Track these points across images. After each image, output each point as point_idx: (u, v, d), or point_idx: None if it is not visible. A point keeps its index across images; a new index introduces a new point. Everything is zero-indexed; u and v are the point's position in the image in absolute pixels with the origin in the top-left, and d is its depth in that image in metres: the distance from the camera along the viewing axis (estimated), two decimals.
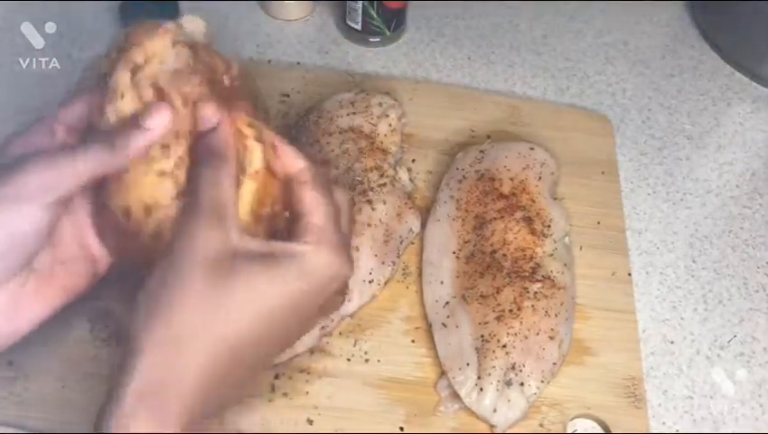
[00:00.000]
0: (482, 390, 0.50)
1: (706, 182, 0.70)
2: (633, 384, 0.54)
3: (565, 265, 0.57)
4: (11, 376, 0.51)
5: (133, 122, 0.39)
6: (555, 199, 0.62)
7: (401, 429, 0.51)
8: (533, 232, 0.57)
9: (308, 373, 0.53)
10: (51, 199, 0.38)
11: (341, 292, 0.43)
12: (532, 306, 0.53)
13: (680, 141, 0.73)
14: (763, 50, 0.78)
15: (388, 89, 0.68)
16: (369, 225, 0.56)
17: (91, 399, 0.50)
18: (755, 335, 0.59)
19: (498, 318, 0.53)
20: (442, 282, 0.57)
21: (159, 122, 0.39)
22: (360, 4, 0.74)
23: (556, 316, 0.53)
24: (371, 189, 0.58)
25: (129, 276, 0.39)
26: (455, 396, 0.51)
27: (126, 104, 0.40)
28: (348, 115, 0.62)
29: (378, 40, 0.77)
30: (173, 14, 0.76)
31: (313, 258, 0.38)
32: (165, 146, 0.40)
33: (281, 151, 0.42)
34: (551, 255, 0.57)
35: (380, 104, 0.64)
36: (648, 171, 0.70)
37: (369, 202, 0.57)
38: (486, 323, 0.53)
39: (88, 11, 0.77)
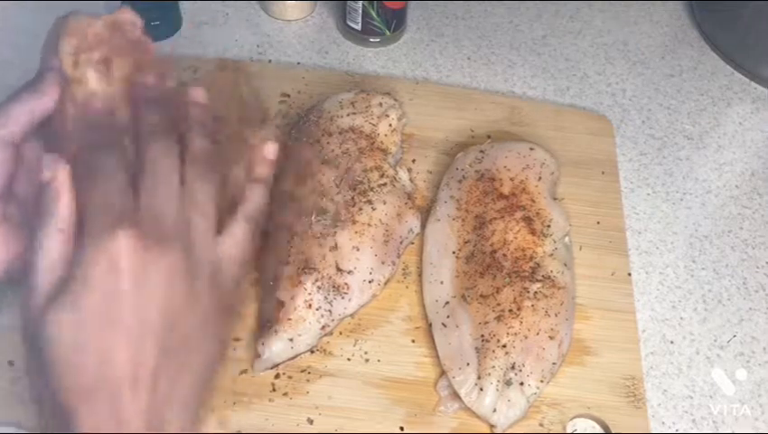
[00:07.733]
0: (481, 389, 0.50)
1: (705, 182, 0.70)
2: (633, 384, 0.54)
3: (565, 265, 0.57)
4: (11, 376, 0.51)
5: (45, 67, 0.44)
6: (555, 199, 0.62)
7: (401, 428, 0.51)
8: (533, 232, 0.57)
9: (308, 373, 0.53)
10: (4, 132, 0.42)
11: None
12: (532, 305, 0.53)
13: (680, 141, 0.73)
14: (763, 50, 0.78)
15: (388, 89, 0.68)
16: (369, 225, 0.56)
17: None
18: (755, 335, 0.59)
19: (498, 318, 0.53)
20: (442, 282, 0.57)
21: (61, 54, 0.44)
22: (360, 5, 0.74)
23: (556, 315, 0.53)
24: (371, 189, 0.58)
25: None
26: (455, 396, 0.52)
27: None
28: (348, 115, 0.62)
29: (378, 40, 0.77)
30: (174, 14, 0.76)
31: None
32: None
33: None
34: (551, 255, 0.57)
35: (381, 104, 0.64)
36: (648, 171, 0.70)
37: (370, 202, 0.57)
38: (486, 323, 0.53)
39: (89, 11, 0.77)
